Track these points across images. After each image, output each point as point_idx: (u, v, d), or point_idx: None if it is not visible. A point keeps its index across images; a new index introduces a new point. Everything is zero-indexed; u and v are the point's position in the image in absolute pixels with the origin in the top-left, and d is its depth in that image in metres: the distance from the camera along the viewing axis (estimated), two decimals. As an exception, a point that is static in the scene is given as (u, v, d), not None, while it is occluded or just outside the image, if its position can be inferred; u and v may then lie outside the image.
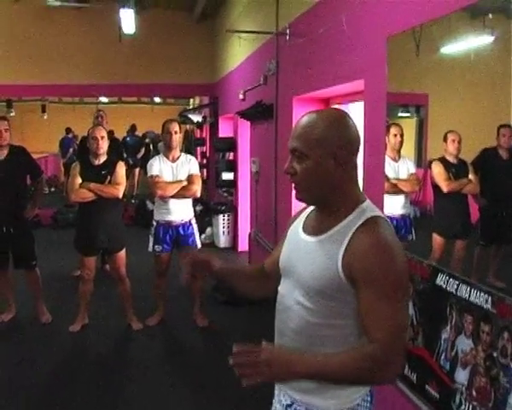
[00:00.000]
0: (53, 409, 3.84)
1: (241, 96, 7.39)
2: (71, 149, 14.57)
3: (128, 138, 13.58)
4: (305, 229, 1.72)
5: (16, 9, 10.46)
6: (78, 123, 16.20)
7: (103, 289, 5.80)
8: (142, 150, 14.06)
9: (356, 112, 4.86)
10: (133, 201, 11.80)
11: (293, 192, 1.70)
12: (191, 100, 16.27)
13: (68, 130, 15.65)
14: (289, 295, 1.68)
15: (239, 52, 8.05)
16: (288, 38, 5.32)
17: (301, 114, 4.61)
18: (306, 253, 1.65)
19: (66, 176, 14.80)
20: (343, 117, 1.64)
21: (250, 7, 7.32)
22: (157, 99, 17.10)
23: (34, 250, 5.33)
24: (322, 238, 1.62)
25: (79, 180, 4.82)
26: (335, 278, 1.55)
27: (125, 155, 7.88)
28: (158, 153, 8.24)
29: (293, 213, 5.24)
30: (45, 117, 16.11)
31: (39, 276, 5.38)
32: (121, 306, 5.30)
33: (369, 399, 1.69)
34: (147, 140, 15.12)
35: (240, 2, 8.04)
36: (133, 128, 14.29)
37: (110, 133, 5.96)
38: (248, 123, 7.38)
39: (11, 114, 14.84)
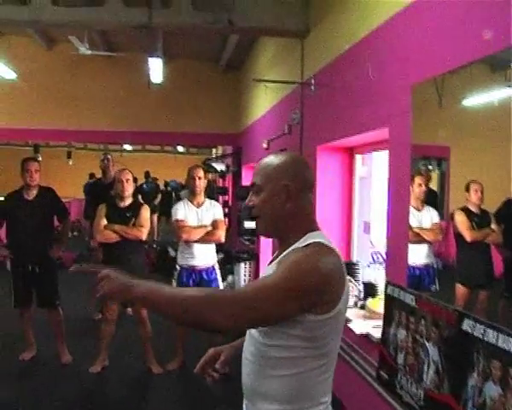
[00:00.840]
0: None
1: (264, 146, 7.49)
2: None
3: (144, 185, 13.78)
4: (270, 262, 1.83)
5: (49, 57, 10.85)
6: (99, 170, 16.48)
7: (124, 331, 5.81)
8: (159, 197, 14.24)
9: (379, 161, 4.91)
10: (155, 246, 11.84)
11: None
12: (213, 150, 16.52)
13: (92, 175, 15.91)
14: None
15: (263, 102, 8.20)
16: (312, 87, 5.43)
17: (325, 163, 4.66)
18: None
19: (89, 221, 14.99)
20: (297, 158, 1.87)
21: (276, 58, 7.50)
22: (180, 148, 17.39)
23: (58, 290, 5.40)
24: (271, 266, 1.74)
25: (105, 221, 4.93)
26: None
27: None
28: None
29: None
30: (70, 163, 16.43)
31: (62, 316, 5.42)
32: (141, 349, 5.30)
33: None
34: (169, 188, 15.33)
35: (265, 54, 8.24)
36: (147, 175, 14.52)
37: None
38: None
39: (38, 159, 15.22)
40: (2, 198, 5.69)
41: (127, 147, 17.24)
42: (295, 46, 6.22)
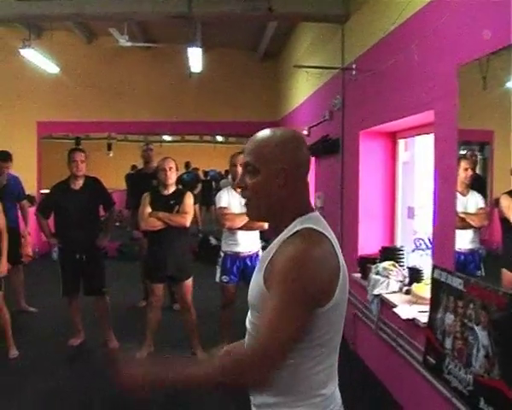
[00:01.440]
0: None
1: (305, 132, 7.47)
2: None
3: (185, 175, 13.88)
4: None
5: (89, 50, 11.04)
6: (141, 161, 16.68)
7: (170, 318, 5.91)
8: (199, 186, 14.32)
9: (423, 145, 4.86)
10: (197, 235, 11.93)
11: (359, 226, 1.73)
12: (252, 139, 16.50)
13: (134, 166, 16.10)
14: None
15: (303, 89, 8.18)
16: (353, 72, 5.39)
17: (367, 148, 4.60)
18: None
19: (130, 211, 15.24)
20: (295, 138, 1.67)
21: (315, 44, 7.46)
22: (219, 138, 17.43)
23: (104, 278, 5.52)
24: (263, 254, 1.68)
25: (149, 209, 5.00)
26: (261, 290, 1.56)
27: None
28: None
29: (359, 248, 5.23)
30: (110, 155, 16.64)
31: (108, 303, 5.53)
32: (187, 336, 5.36)
33: None
34: (208, 178, 15.41)
35: (304, 40, 8.20)
36: (188, 165, 14.62)
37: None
38: (313, 158, 7.44)
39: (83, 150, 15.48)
40: (47, 191, 5.85)
41: (166, 138, 17.37)
42: (335, 31, 6.18)
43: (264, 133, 1.66)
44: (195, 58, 8.14)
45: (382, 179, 5.36)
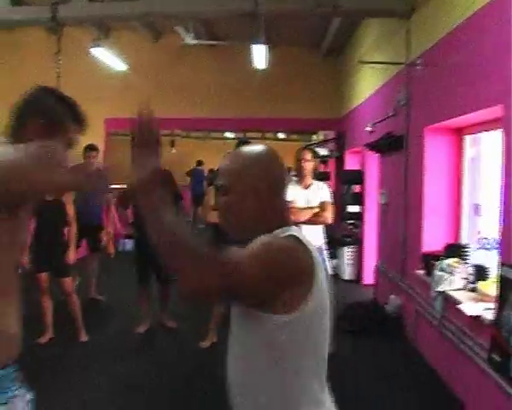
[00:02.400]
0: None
1: (369, 129, 7.44)
2: (204, 182, 15.26)
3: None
4: None
5: (155, 48, 11.31)
6: (202, 157, 16.96)
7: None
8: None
9: (490, 142, 4.78)
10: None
11: (423, 223, 1.72)
12: (314, 136, 16.53)
13: (199, 162, 16.39)
14: None
15: (367, 86, 8.14)
16: (419, 67, 5.35)
17: (433, 144, 4.56)
18: None
19: (193, 205, 15.57)
20: (266, 153, 1.65)
21: (379, 40, 7.41)
22: (281, 135, 17.53)
23: None
24: None
25: (213, 202, 5.15)
26: None
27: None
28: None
29: (423, 244, 5.18)
30: (173, 151, 17.01)
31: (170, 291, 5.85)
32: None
33: None
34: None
35: (368, 37, 8.16)
36: None
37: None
38: (376, 155, 7.41)
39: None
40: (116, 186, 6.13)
41: (228, 134, 17.59)
42: (400, 26, 6.13)
43: (235, 153, 1.68)
44: (260, 55, 8.22)
45: (448, 176, 5.29)
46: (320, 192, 5.14)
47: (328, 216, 5.07)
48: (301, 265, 1.47)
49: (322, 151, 12.20)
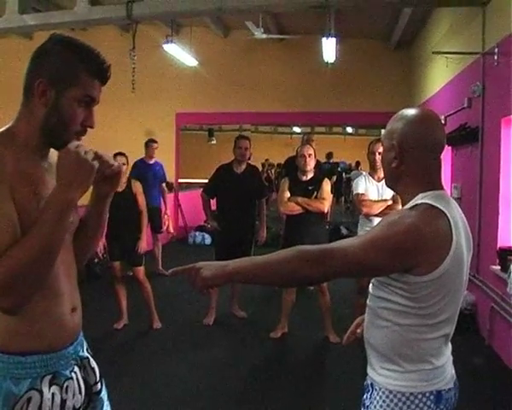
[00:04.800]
0: (249, 408, 4.11)
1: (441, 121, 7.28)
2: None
3: (325, 164, 13.99)
4: None
5: (225, 43, 11.49)
6: (271, 152, 17.04)
7: (303, 300, 6.08)
8: (334, 177, 14.37)
9: None
10: (327, 227, 12.01)
11: (499, 217, 1.76)
12: (382, 130, 16.30)
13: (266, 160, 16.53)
14: None
15: (439, 77, 7.97)
16: (496, 57, 5.20)
17: (510, 136, 4.41)
18: None
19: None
20: (418, 116, 1.69)
21: (452, 30, 7.23)
22: (349, 129, 17.40)
23: None
24: None
25: (288, 194, 5.19)
26: None
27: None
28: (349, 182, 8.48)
29: (498, 239, 5.04)
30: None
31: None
32: (320, 318, 5.46)
33: (432, 398, 1.64)
34: (339, 169, 15.46)
35: (440, 27, 7.97)
36: (329, 155, 14.74)
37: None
38: (449, 148, 7.24)
39: (213, 142, 16.13)
40: (184, 180, 6.41)
41: (296, 129, 17.62)
42: (475, 15, 5.96)
43: (399, 112, 1.74)
44: (329, 48, 8.18)
45: (526, 168, 5.12)
46: (394, 185, 5.08)
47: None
48: (427, 237, 1.54)
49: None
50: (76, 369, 1.62)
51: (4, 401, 1.45)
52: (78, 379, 1.62)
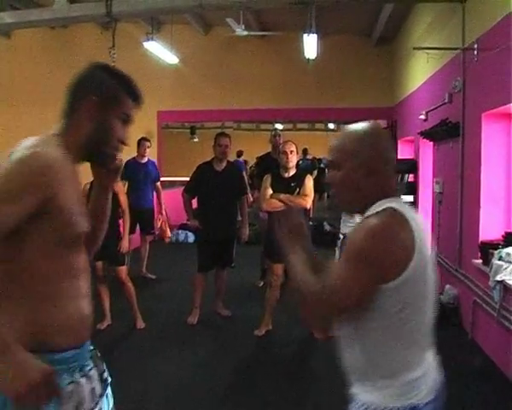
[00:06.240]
0: (234, 405, 4.10)
1: (422, 117, 7.32)
2: (244, 173, 15.32)
3: (301, 162, 13.98)
4: None
5: (206, 40, 11.45)
6: (252, 149, 16.99)
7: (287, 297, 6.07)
8: (315, 173, 14.36)
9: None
10: (311, 223, 12.02)
11: (480, 211, 1.78)
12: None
13: (240, 153, 16.47)
14: None
15: (420, 73, 8.00)
16: (475, 52, 5.23)
17: (490, 130, 4.46)
18: None
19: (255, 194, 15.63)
20: (375, 131, 1.76)
21: (432, 26, 7.27)
22: (331, 125, 17.39)
23: (233, 255, 5.94)
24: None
25: (270, 191, 5.18)
26: None
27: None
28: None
29: (480, 233, 5.07)
30: (195, 140, 17.12)
31: (226, 276, 6.02)
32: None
33: None
34: (321, 165, 15.48)
35: (421, 23, 8.00)
36: (305, 152, 14.72)
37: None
38: (431, 143, 7.28)
39: (195, 140, 16.05)
40: (165, 178, 6.34)
41: (278, 126, 17.58)
42: (455, 11, 6.00)
43: (344, 131, 1.81)
44: (311, 45, 8.17)
45: (506, 163, 5.16)
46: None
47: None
48: (399, 245, 1.58)
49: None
50: (91, 360, 1.78)
51: None
52: (95, 368, 1.79)
